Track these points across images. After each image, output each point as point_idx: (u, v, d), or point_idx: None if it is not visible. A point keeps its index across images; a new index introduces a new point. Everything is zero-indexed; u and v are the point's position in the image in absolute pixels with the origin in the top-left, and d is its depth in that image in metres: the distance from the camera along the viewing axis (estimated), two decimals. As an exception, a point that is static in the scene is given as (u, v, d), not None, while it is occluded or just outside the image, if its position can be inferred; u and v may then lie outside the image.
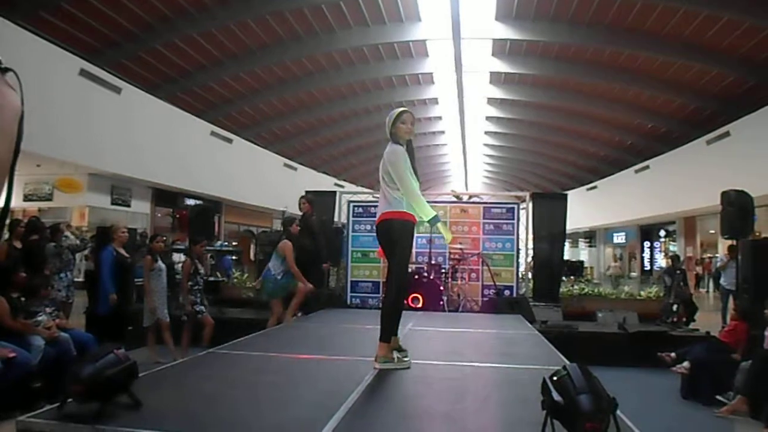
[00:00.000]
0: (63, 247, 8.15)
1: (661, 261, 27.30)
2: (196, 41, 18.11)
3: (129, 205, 17.92)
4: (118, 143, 15.12)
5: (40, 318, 5.76)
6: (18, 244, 7.78)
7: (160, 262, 7.64)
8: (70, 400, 2.80)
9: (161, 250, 7.96)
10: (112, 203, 17.17)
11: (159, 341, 7.52)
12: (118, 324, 7.51)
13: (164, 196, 19.46)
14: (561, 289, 10.83)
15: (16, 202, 16.29)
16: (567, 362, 4.01)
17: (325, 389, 3.55)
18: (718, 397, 5.98)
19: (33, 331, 5.52)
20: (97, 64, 14.90)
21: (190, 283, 7.67)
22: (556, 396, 2.44)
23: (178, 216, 19.56)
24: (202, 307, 7.72)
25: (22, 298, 5.78)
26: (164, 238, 8.84)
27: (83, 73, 13.92)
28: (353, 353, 4.83)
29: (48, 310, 5.99)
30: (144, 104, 16.60)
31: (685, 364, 6.46)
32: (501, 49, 20.31)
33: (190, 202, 19.91)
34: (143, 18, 16.35)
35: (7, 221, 7.68)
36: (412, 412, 3.22)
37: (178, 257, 10.67)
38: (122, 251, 7.76)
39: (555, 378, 2.52)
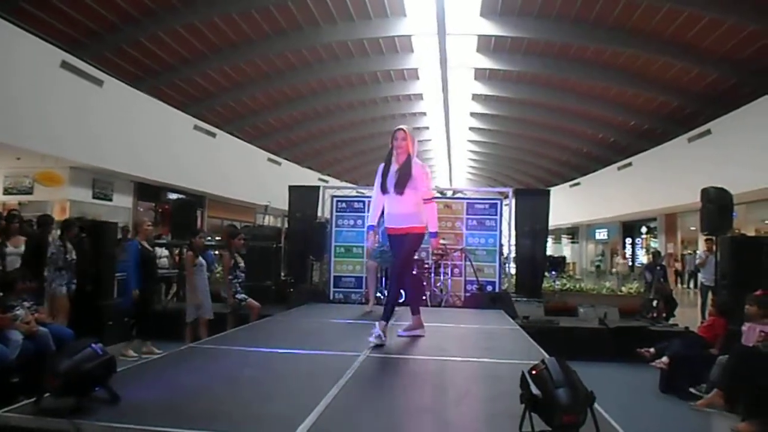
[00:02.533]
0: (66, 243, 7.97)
1: (643, 257, 27.56)
2: (180, 34, 17.93)
3: (111, 199, 17.70)
4: (99, 136, 14.93)
5: (18, 312, 5.69)
6: None
7: (201, 258, 7.71)
8: (47, 394, 2.77)
9: (202, 246, 8.04)
10: (94, 197, 16.95)
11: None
12: (139, 319, 7.67)
13: (147, 190, 19.26)
14: (543, 285, 10.91)
15: (-4, 196, 16.10)
16: (547, 357, 4.04)
17: (306, 384, 3.55)
18: (692, 390, 6.06)
19: (10, 325, 5.45)
20: (79, 56, 14.69)
21: (230, 276, 7.85)
22: (534, 389, 2.46)
23: (160, 210, 19.38)
24: (244, 295, 7.92)
25: (0, 293, 5.71)
26: (204, 234, 8.95)
27: (65, 65, 13.72)
28: (335, 348, 4.83)
29: (26, 304, 5.91)
30: (126, 97, 16.39)
31: (664, 359, 6.54)
32: (486, 45, 20.35)
33: (173, 196, 19.75)
34: (126, 10, 16.13)
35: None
36: (394, 406, 3.23)
37: (161, 251, 10.61)
38: (146, 245, 7.74)
39: (533, 372, 2.54)
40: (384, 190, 5.15)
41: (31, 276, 6.61)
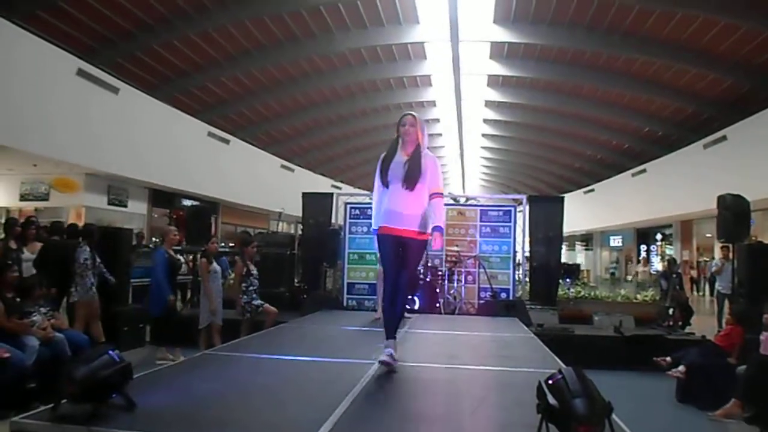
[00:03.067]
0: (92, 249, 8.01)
1: (658, 264, 27.31)
2: (194, 42, 18.08)
3: (126, 206, 17.86)
4: (115, 143, 15.08)
5: (34, 318, 5.74)
6: (13, 245, 7.74)
7: (215, 264, 7.79)
8: (64, 401, 2.79)
9: (216, 251, 8.11)
10: (109, 203, 17.11)
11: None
12: (168, 325, 7.75)
13: (161, 197, 19.41)
14: (558, 292, 10.84)
15: (12, 202, 16.27)
16: (563, 365, 4.01)
17: (321, 391, 3.54)
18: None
19: (27, 331, 5.50)
20: (94, 63, 14.86)
21: (244, 284, 7.89)
22: (551, 399, 2.43)
23: (174, 216, 19.50)
24: (260, 301, 7.97)
25: (17, 299, 5.76)
26: (217, 239, 9.03)
27: (81, 72, 13.87)
28: (348, 355, 4.82)
29: (43, 310, 5.97)
30: (141, 104, 16.54)
31: (681, 368, 6.47)
32: (499, 51, 20.33)
33: (187, 202, 19.87)
34: (141, 18, 16.31)
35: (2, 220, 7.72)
36: (408, 415, 3.22)
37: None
38: (172, 253, 7.82)
39: (550, 381, 2.52)
40: (385, 182, 4.46)
41: (48, 282, 6.68)
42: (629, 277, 28.87)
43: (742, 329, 6.68)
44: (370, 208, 10.77)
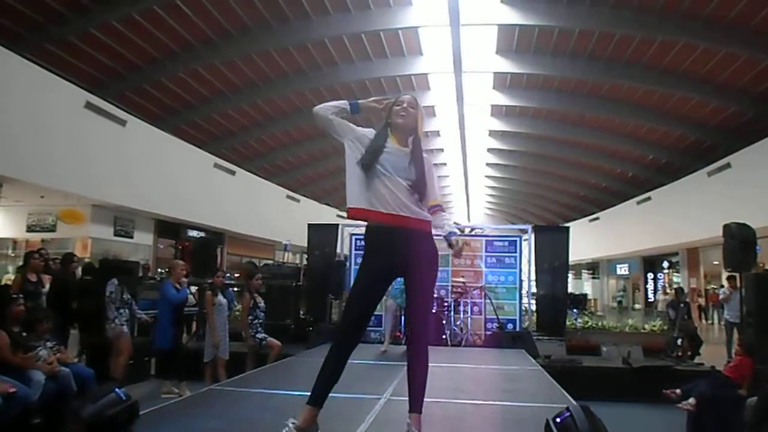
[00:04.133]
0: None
1: (660, 294, 27.06)
2: (201, 74, 18.34)
3: (132, 237, 17.93)
4: (122, 175, 15.19)
5: (40, 352, 5.73)
6: (33, 277, 7.77)
7: (220, 297, 7.78)
8: (70, 439, 2.79)
9: (221, 284, 8.11)
10: (115, 234, 17.18)
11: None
12: (173, 359, 7.73)
13: (167, 228, 19.48)
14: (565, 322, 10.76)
15: (19, 233, 16.35)
16: (571, 400, 3.99)
17: (327, 429, 3.51)
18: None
19: (33, 365, 5.49)
20: (102, 96, 15.07)
21: (250, 317, 7.88)
22: (559, 438, 2.42)
23: (180, 248, 19.56)
24: (264, 334, 7.92)
25: (23, 333, 5.76)
26: (222, 272, 9.08)
27: (89, 105, 14.05)
28: (355, 390, 4.78)
29: (49, 344, 5.96)
30: (148, 136, 16.71)
31: (691, 400, 6.38)
32: (502, 82, 20.54)
33: (193, 233, 19.93)
34: (148, 51, 16.59)
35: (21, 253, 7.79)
36: (415, 452, 3.18)
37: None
38: (179, 286, 7.83)
39: (558, 420, 2.51)
40: (368, 167, 3.14)
41: (54, 316, 6.69)
42: (637, 306, 28.69)
43: (751, 360, 6.61)
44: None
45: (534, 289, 11.08)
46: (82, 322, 7.95)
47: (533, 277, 10.93)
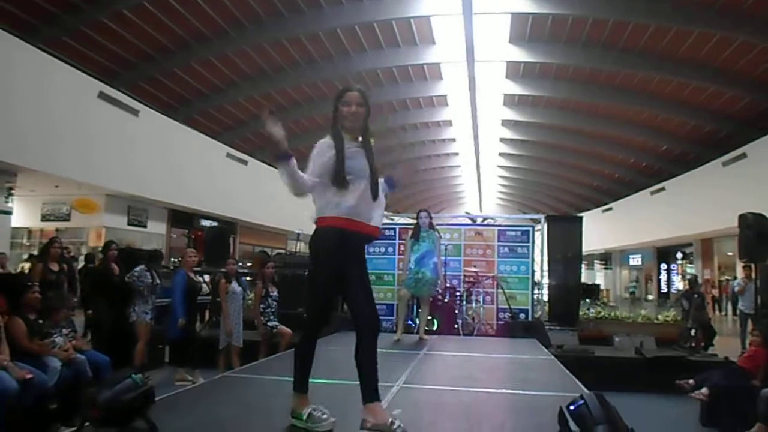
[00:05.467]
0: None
1: (679, 283, 26.99)
2: (213, 64, 18.37)
3: (145, 226, 18.06)
4: (135, 164, 15.29)
5: (56, 339, 5.79)
6: (54, 266, 7.83)
7: (234, 285, 7.80)
8: (87, 424, 2.81)
9: (234, 272, 8.14)
10: (129, 224, 17.32)
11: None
12: (187, 347, 7.78)
13: (180, 217, 19.59)
14: (579, 312, 10.73)
15: (34, 222, 16.52)
16: (584, 389, 3.98)
17: (340, 415, 3.53)
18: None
19: (49, 352, 5.54)
20: (115, 86, 15.14)
21: (262, 305, 7.93)
22: (573, 426, 2.42)
23: (193, 237, 19.67)
24: (276, 322, 7.94)
25: (40, 320, 5.82)
26: (235, 260, 9.13)
27: (102, 95, 14.13)
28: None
29: (65, 331, 6.02)
30: (161, 126, 16.80)
31: (704, 390, 6.36)
32: (515, 71, 20.41)
33: (206, 222, 20.03)
34: (160, 41, 16.64)
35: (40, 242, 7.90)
36: (428, 440, 3.20)
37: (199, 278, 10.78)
38: (192, 275, 7.87)
39: (572, 407, 2.50)
40: (341, 181, 3.32)
41: (71, 303, 6.77)
42: (650, 297, 28.57)
43: (766, 351, 6.56)
44: (387, 228, 10.81)
45: (546, 279, 11.03)
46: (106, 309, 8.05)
47: (546, 267, 10.89)
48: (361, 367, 3.25)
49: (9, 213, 13.25)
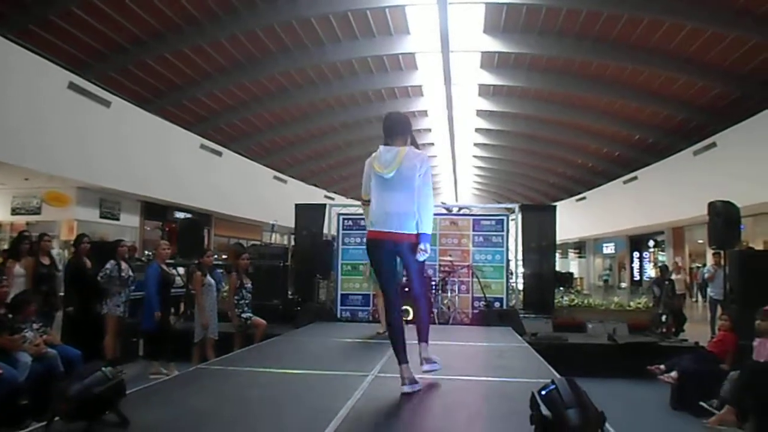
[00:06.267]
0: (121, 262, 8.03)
1: (651, 271, 27.42)
2: (186, 55, 18.11)
3: (118, 219, 17.80)
4: (107, 156, 15.05)
5: (26, 334, 5.71)
6: (46, 260, 7.71)
7: (209, 277, 7.74)
8: (57, 418, 2.78)
9: (210, 264, 8.09)
10: (101, 216, 17.05)
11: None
12: (161, 340, 7.75)
13: (153, 210, 19.35)
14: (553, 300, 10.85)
15: (4, 216, 16.19)
16: (556, 375, 4.03)
17: (316, 405, 3.54)
18: (703, 404, 5.99)
19: (19, 347, 5.46)
20: (86, 77, 14.85)
21: (236, 297, 7.89)
22: (544, 410, 2.45)
23: (167, 229, 19.45)
24: (249, 314, 7.93)
25: (9, 315, 5.73)
26: (211, 252, 9.08)
27: (72, 86, 13.85)
28: (343, 368, 4.82)
29: (35, 326, 5.93)
30: (134, 118, 16.53)
31: (673, 373, 6.50)
32: (489, 61, 20.45)
33: (180, 215, 19.82)
34: (132, 31, 16.32)
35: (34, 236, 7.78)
36: (403, 427, 3.22)
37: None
38: (165, 268, 7.79)
39: (543, 392, 2.53)
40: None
41: (40, 298, 6.66)
42: (623, 284, 28.98)
43: (735, 336, 6.72)
44: (363, 218, 10.77)
45: (521, 268, 11.14)
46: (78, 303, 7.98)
47: (520, 255, 10.98)
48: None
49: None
